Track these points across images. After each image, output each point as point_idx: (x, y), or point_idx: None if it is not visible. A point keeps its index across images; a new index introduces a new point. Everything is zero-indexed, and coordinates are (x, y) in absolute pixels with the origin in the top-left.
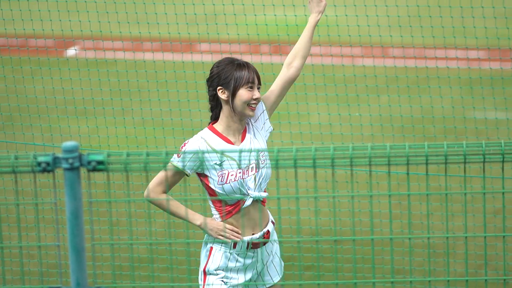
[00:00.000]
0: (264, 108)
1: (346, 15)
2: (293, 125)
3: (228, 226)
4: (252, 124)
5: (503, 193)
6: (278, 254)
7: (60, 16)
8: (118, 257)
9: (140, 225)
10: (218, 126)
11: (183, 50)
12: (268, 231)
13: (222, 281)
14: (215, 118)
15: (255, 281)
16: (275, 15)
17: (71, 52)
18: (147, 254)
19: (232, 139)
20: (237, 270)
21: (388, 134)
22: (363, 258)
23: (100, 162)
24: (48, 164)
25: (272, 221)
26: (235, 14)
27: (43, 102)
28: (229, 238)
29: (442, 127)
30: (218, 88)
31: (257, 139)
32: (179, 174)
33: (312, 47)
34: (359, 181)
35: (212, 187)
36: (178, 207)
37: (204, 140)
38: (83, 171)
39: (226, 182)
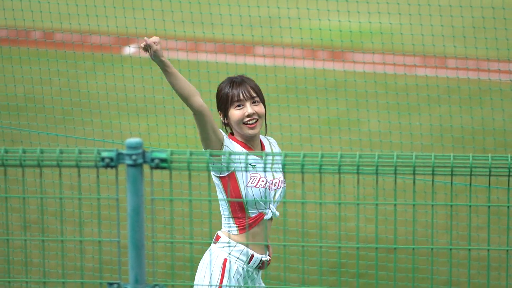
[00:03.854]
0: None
1: (410, 24)
2: (353, 132)
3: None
4: (271, 146)
5: None
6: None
7: (125, 13)
8: (171, 256)
9: (195, 225)
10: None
11: (245, 52)
12: (269, 259)
13: None
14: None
15: None
16: (339, 21)
17: (133, 49)
18: (200, 255)
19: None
20: None
21: (448, 145)
22: (418, 268)
23: (163, 160)
24: (111, 159)
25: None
26: (299, 18)
27: (104, 98)
28: (147, 43)
29: (502, 140)
30: (219, 112)
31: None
32: (219, 140)
33: (376, 55)
34: (417, 190)
35: (241, 186)
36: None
37: (228, 142)
38: (145, 168)
39: (255, 186)
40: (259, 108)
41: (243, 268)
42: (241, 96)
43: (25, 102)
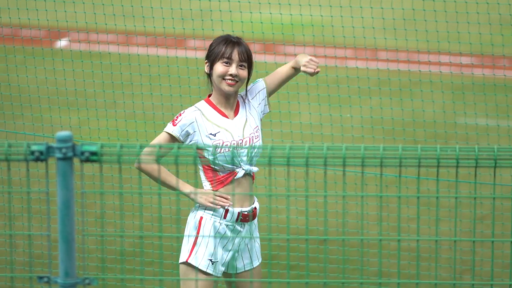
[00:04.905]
0: (265, 86)
1: (341, 16)
2: (284, 124)
3: (217, 193)
4: (248, 101)
5: (493, 198)
6: (258, 240)
7: (55, 7)
8: (101, 249)
9: (126, 219)
10: (213, 98)
11: (177, 45)
12: (255, 207)
13: (210, 260)
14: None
15: (235, 261)
16: (270, 13)
17: (64, 42)
18: (132, 248)
19: (225, 112)
20: (222, 246)
21: (379, 137)
22: (348, 259)
23: (93, 153)
24: (41, 153)
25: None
26: (230, 11)
27: (35, 92)
28: (219, 205)
29: (432, 132)
30: (205, 61)
31: (251, 115)
32: (173, 142)
33: (307, 47)
34: (347, 182)
35: (206, 156)
36: (169, 175)
37: (199, 111)
38: (75, 161)
39: (220, 152)
40: (243, 73)
41: (220, 224)
42: (231, 55)
43: None
